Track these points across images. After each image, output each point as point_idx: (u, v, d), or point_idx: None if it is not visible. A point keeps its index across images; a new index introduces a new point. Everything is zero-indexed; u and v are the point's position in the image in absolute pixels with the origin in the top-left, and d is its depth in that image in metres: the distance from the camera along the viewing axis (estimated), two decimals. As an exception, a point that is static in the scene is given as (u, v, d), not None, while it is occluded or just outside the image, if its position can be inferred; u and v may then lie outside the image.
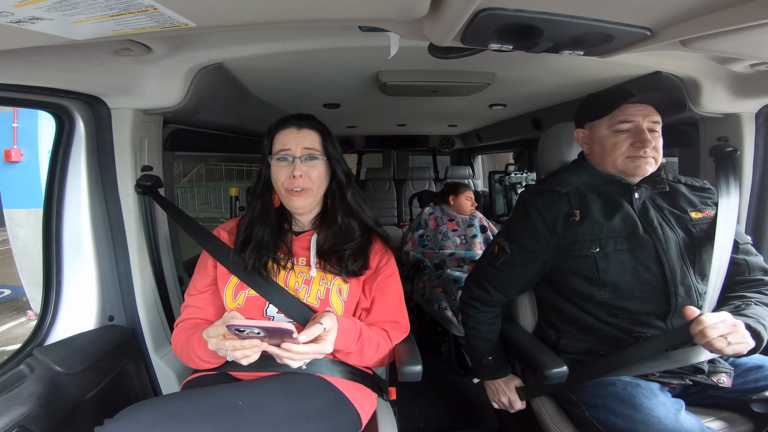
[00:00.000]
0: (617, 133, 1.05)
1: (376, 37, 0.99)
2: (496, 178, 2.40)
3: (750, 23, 0.61)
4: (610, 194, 1.09)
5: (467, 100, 1.93)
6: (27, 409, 0.88)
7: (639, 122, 1.04)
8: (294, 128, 1.04)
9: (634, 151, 1.03)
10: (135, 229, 1.21)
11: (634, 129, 1.04)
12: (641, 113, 1.04)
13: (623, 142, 1.05)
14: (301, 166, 1.01)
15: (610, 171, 1.09)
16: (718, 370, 0.98)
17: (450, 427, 1.80)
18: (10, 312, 4.79)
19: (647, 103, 1.05)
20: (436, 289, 2.26)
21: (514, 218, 1.17)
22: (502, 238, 1.17)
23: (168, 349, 1.28)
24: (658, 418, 0.88)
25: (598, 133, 1.09)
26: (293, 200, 1.03)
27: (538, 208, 1.10)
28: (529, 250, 1.11)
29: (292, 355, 0.82)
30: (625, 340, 1.01)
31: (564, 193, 1.10)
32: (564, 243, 1.06)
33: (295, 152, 1.02)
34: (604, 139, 1.08)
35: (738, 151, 1.32)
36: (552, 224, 1.08)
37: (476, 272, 1.23)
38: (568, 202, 1.10)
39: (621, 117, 1.05)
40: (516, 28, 0.66)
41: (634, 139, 1.03)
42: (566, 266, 1.07)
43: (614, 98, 1.06)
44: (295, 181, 1.01)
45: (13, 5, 0.49)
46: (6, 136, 4.33)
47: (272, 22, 0.65)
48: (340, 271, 1.02)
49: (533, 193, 1.16)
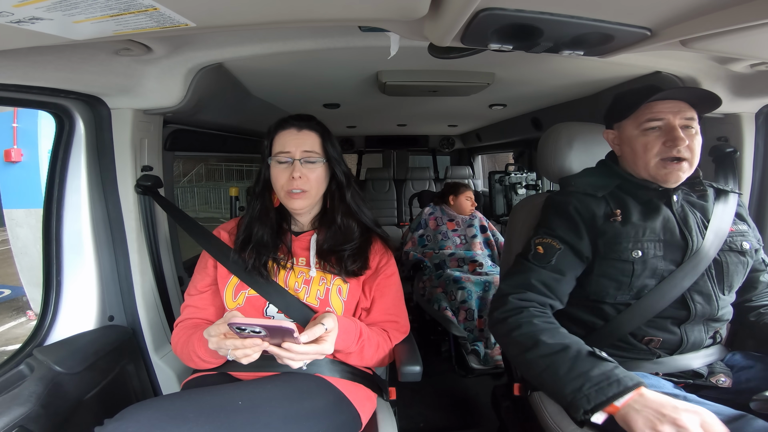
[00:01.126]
0: (646, 132, 0.98)
1: (376, 37, 0.99)
2: (496, 178, 2.40)
3: (750, 23, 0.61)
4: (647, 198, 1.02)
5: (467, 100, 1.92)
6: (27, 409, 0.88)
7: (670, 120, 0.96)
8: (294, 129, 1.04)
9: (667, 151, 0.96)
10: (135, 229, 1.21)
11: (665, 127, 0.97)
12: (671, 110, 0.96)
13: (654, 142, 0.97)
14: (301, 168, 1.01)
15: (643, 175, 1.02)
16: (716, 371, 0.98)
17: (450, 427, 1.80)
18: (10, 312, 4.79)
19: (677, 99, 0.98)
20: (436, 289, 2.26)
21: (549, 218, 1.06)
22: (542, 237, 1.02)
23: (168, 349, 1.28)
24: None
25: (626, 133, 1.03)
26: (292, 202, 1.03)
27: (575, 206, 1.02)
28: (577, 248, 0.99)
29: (293, 355, 0.82)
30: (635, 345, 0.99)
31: (600, 197, 1.03)
32: (603, 243, 0.98)
33: (295, 154, 1.02)
34: (634, 139, 1.01)
35: (738, 151, 1.32)
36: (591, 222, 1.00)
37: (515, 278, 1.01)
38: (606, 203, 1.02)
39: (649, 115, 0.98)
40: (516, 28, 0.66)
41: (666, 138, 0.96)
42: (598, 269, 0.99)
43: (638, 96, 1.00)
44: (294, 182, 1.01)
45: (13, 5, 0.49)
46: (6, 136, 4.33)
47: (272, 22, 0.65)
48: (340, 271, 1.03)
49: (564, 194, 1.07)
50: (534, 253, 1.02)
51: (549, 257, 0.99)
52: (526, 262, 1.02)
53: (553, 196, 1.11)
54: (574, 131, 1.22)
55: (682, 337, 0.97)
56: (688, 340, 0.97)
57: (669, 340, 0.98)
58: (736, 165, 1.33)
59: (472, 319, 2.07)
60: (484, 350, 1.96)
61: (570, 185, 1.10)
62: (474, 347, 1.97)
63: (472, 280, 2.17)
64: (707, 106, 1.00)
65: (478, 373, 1.93)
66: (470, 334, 2.02)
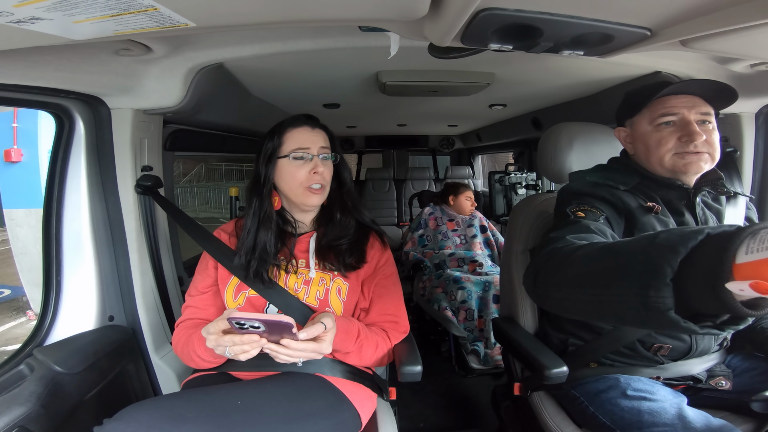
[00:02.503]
0: (660, 128, 0.94)
1: (376, 37, 0.99)
2: (496, 178, 2.41)
3: (750, 23, 0.61)
4: (667, 199, 0.97)
5: (467, 100, 1.92)
6: (27, 409, 0.88)
7: (684, 114, 0.92)
8: (308, 127, 1.04)
9: (683, 146, 0.92)
10: (135, 229, 1.21)
11: (680, 122, 0.93)
12: (685, 104, 0.93)
13: (669, 138, 0.93)
14: (321, 164, 1.02)
15: (659, 172, 0.97)
16: (716, 374, 0.98)
17: (450, 427, 1.80)
18: (10, 312, 4.79)
19: (691, 93, 0.94)
20: (436, 289, 2.26)
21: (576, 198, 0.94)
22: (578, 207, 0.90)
23: (168, 349, 1.28)
24: (663, 408, 0.86)
25: (639, 129, 0.99)
26: (311, 198, 1.02)
27: (602, 194, 0.93)
28: (615, 225, 0.90)
29: (290, 352, 0.81)
30: (641, 352, 0.98)
31: (623, 190, 0.96)
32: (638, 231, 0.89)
33: (313, 150, 1.02)
34: (647, 135, 0.97)
35: (738, 151, 1.32)
36: (626, 209, 0.92)
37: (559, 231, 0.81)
38: (635, 197, 0.95)
39: (662, 110, 0.94)
40: (516, 28, 0.66)
41: (681, 133, 0.92)
42: None
43: (651, 90, 0.96)
44: (315, 177, 1.01)
45: (13, 5, 0.49)
46: (6, 136, 4.33)
47: (272, 22, 0.65)
48: (339, 266, 1.03)
49: (586, 185, 0.98)
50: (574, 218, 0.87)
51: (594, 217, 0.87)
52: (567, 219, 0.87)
53: (570, 186, 1.01)
54: (574, 131, 1.22)
55: (692, 344, 0.96)
56: (697, 347, 0.96)
57: (678, 348, 0.96)
58: (737, 165, 1.33)
59: (472, 319, 2.07)
60: (484, 350, 1.96)
61: (584, 178, 1.02)
62: (474, 347, 1.97)
63: (472, 280, 2.17)
64: (724, 101, 0.96)
65: (478, 373, 1.93)
66: (470, 334, 2.02)
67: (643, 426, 0.85)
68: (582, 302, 0.60)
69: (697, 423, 0.82)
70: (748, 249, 0.42)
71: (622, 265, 0.54)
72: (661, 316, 0.47)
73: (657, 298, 0.47)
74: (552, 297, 0.67)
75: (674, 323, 0.47)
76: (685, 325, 0.47)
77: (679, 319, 0.47)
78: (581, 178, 1.04)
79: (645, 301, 0.48)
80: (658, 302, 0.47)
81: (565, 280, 0.64)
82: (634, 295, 0.49)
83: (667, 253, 0.48)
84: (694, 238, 0.47)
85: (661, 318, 0.47)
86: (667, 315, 0.47)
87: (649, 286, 0.48)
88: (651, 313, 0.48)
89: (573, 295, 0.63)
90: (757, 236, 0.42)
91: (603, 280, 0.56)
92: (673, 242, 0.48)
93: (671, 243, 0.48)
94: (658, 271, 0.47)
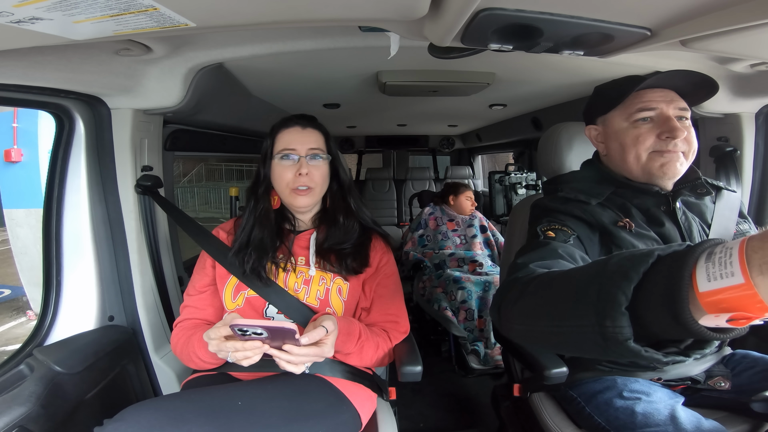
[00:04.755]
0: (637, 124, 0.89)
1: (376, 37, 0.99)
2: (496, 178, 2.40)
3: (750, 23, 0.61)
4: (645, 207, 0.91)
5: (467, 100, 1.93)
6: (27, 409, 0.88)
7: (663, 109, 0.87)
8: (298, 127, 1.04)
9: (662, 144, 0.87)
10: (135, 229, 1.21)
11: (658, 117, 0.88)
12: (663, 99, 0.88)
13: (647, 135, 0.88)
14: (307, 165, 1.01)
15: (634, 172, 0.92)
16: (714, 375, 0.98)
17: (450, 427, 1.80)
18: (10, 312, 4.79)
19: (668, 88, 0.90)
20: (436, 289, 2.26)
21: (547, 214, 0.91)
22: (549, 225, 0.87)
23: (168, 349, 1.28)
24: (657, 410, 0.86)
25: (614, 126, 0.93)
26: (297, 199, 1.03)
27: (573, 211, 0.90)
28: (588, 244, 0.86)
29: (292, 358, 0.81)
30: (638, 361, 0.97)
31: (599, 203, 0.91)
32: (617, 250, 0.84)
33: (300, 151, 1.02)
34: (623, 132, 0.91)
35: (738, 151, 1.33)
36: (600, 225, 0.88)
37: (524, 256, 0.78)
38: (610, 210, 0.90)
39: (639, 105, 0.89)
40: (516, 28, 0.66)
41: (661, 130, 0.87)
42: None
43: (625, 84, 0.91)
44: (300, 179, 1.01)
45: (13, 5, 0.49)
46: (6, 136, 4.33)
47: (272, 22, 0.65)
48: (340, 269, 1.03)
49: (558, 200, 0.94)
50: (543, 238, 0.84)
51: (565, 237, 0.84)
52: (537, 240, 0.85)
53: (542, 201, 0.97)
54: (574, 131, 1.22)
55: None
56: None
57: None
58: (737, 165, 1.33)
59: (472, 319, 2.07)
60: (484, 350, 1.96)
61: (558, 189, 0.98)
62: (474, 347, 1.98)
63: (472, 280, 2.17)
64: (703, 94, 0.92)
65: (478, 373, 1.93)
66: (470, 334, 2.03)
67: (636, 427, 0.85)
68: (543, 333, 0.59)
69: (687, 424, 0.82)
70: (710, 275, 0.39)
71: (577, 294, 0.52)
72: (621, 347, 0.45)
73: (614, 328, 0.45)
74: (514, 329, 0.65)
75: (635, 353, 0.45)
76: (647, 354, 0.45)
77: (639, 349, 0.45)
78: (553, 191, 0.99)
79: (603, 332, 0.46)
80: (615, 332, 0.45)
81: (525, 311, 0.62)
82: (591, 326, 0.47)
83: (620, 280, 0.46)
84: (645, 262, 0.45)
85: (620, 348, 0.45)
86: (625, 345, 0.44)
87: (605, 316, 0.46)
88: (609, 343, 0.46)
89: (534, 327, 0.61)
90: (714, 258, 0.39)
91: (559, 311, 0.55)
92: (625, 268, 0.46)
93: (623, 269, 0.46)
94: (611, 300, 0.45)
